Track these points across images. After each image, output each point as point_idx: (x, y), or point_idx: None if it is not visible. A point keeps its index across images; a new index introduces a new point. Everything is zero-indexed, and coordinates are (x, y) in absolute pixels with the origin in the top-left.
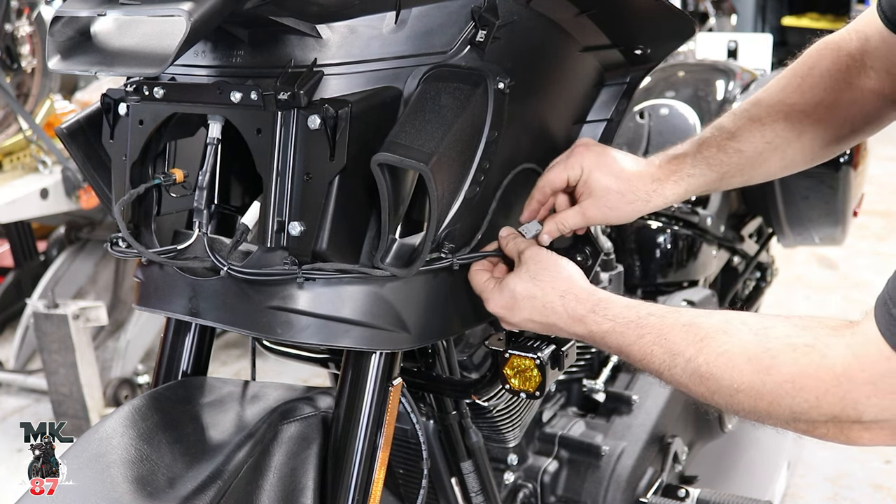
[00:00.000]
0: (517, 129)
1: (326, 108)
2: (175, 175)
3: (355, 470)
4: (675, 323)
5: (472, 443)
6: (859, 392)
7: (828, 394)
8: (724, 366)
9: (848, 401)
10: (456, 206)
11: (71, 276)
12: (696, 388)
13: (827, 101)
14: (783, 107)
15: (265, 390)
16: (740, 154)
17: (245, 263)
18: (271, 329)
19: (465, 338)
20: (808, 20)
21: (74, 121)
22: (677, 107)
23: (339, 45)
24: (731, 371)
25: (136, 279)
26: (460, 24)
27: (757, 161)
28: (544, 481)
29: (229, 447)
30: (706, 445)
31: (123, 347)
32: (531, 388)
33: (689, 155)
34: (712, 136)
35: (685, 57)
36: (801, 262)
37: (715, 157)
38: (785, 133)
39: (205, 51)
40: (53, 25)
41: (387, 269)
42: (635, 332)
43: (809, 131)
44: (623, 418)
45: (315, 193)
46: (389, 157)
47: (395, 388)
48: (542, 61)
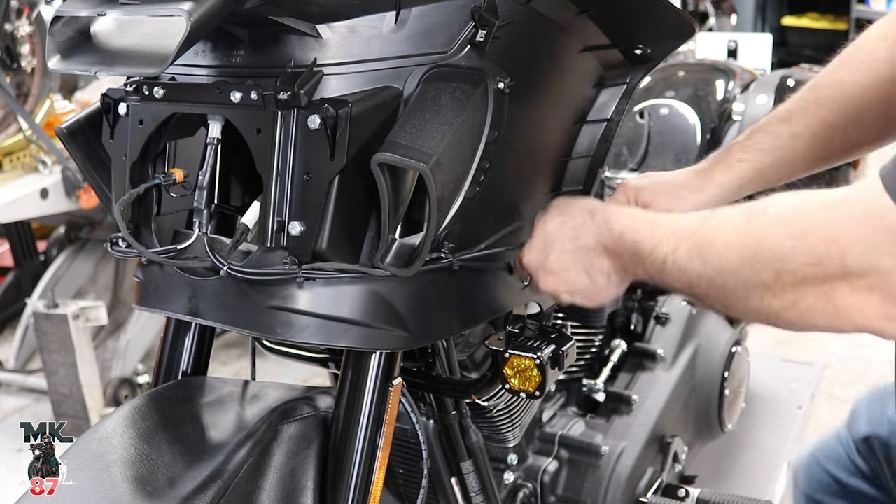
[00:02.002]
0: (517, 128)
1: (326, 108)
2: (175, 175)
3: (355, 470)
4: (690, 214)
5: (472, 443)
6: (849, 222)
7: (815, 228)
8: (720, 227)
9: (833, 236)
10: (456, 206)
11: (71, 276)
12: (693, 266)
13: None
14: (840, 87)
15: (265, 390)
16: (794, 137)
17: (245, 263)
18: (271, 329)
19: (465, 338)
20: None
21: (74, 121)
22: (677, 107)
23: (339, 44)
24: (726, 228)
25: (135, 279)
26: (460, 24)
27: (815, 144)
28: (544, 481)
29: (229, 447)
30: (706, 445)
31: (123, 347)
32: (531, 388)
33: (738, 143)
34: (765, 122)
35: (685, 57)
36: None
37: (766, 140)
38: (843, 113)
39: (205, 51)
40: (53, 25)
41: (387, 268)
42: (649, 226)
43: (871, 111)
44: (623, 418)
45: (315, 193)
46: (389, 157)
47: (394, 387)
48: (542, 61)
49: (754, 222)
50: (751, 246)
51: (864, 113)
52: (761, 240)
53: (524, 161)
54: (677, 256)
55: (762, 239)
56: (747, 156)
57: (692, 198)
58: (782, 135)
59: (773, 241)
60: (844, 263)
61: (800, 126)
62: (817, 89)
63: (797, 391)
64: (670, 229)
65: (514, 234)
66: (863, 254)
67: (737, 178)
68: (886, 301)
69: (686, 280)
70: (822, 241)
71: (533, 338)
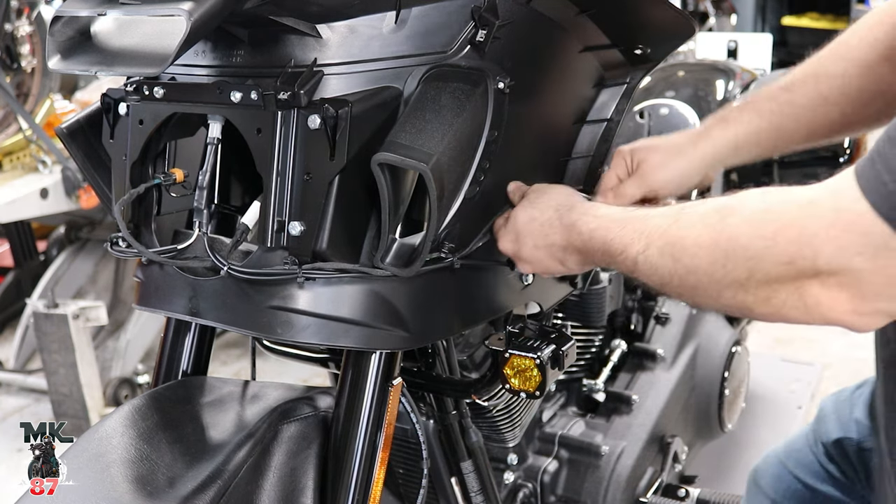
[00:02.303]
0: (517, 128)
1: (326, 108)
2: (175, 175)
3: (355, 470)
4: (662, 209)
5: (472, 443)
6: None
7: (785, 227)
8: (692, 225)
9: (805, 234)
10: (456, 206)
11: (71, 276)
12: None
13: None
14: (844, 61)
15: (265, 390)
16: (793, 105)
17: (245, 263)
18: (271, 329)
19: (465, 338)
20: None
21: (74, 120)
22: (677, 107)
23: (339, 44)
24: (697, 227)
25: (136, 279)
26: (460, 24)
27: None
28: (544, 481)
29: (229, 447)
30: (706, 445)
31: (123, 347)
32: (531, 387)
33: (738, 105)
34: (767, 88)
35: (685, 57)
36: None
37: (765, 105)
38: (844, 87)
39: (205, 50)
40: (53, 25)
41: (387, 268)
42: (619, 224)
43: (871, 86)
44: (623, 418)
45: (315, 193)
46: (389, 157)
47: (395, 387)
48: (542, 61)
49: (726, 220)
50: (722, 245)
51: (863, 91)
52: (733, 239)
53: (524, 161)
54: (648, 254)
55: (734, 238)
56: (745, 117)
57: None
58: (782, 102)
59: (746, 241)
60: (816, 263)
61: (799, 97)
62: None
63: (797, 391)
64: (641, 227)
65: None
66: (833, 254)
67: (732, 137)
68: (855, 298)
69: (657, 278)
70: (794, 242)
71: (533, 338)
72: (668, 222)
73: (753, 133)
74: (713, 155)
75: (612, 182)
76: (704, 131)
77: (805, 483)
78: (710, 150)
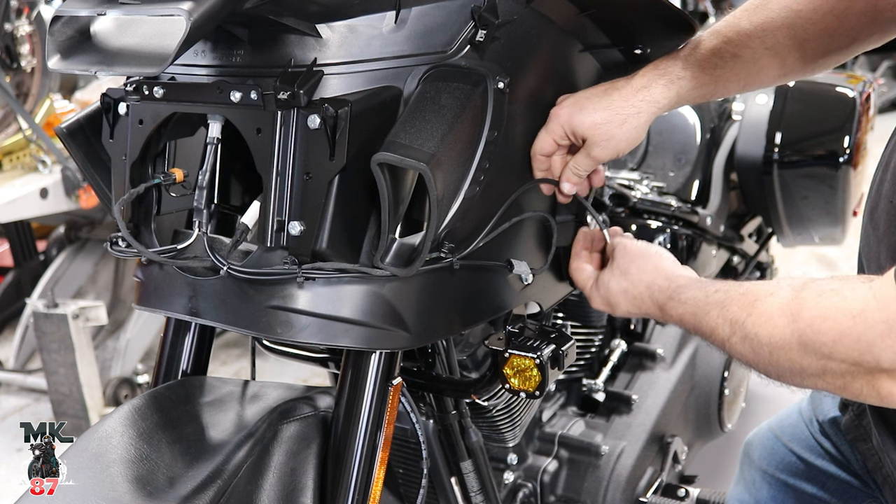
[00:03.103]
0: (517, 128)
1: (326, 108)
2: (175, 175)
3: (355, 469)
4: (735, 293)
5: (472, 442)
6: (873, 332)
7: (844, 336)
8: (764, 323)
9: (863, 343)
10: (456, 206)
11: (71, 276)
12: (747, 353)
13: (838, 10)
14: (789, 13)
15: (265, 390)
16: (737, 59)
17: (245, 263)
18: (271, 329)
19: (465, 338)
20: None
21: (74, 120)
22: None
23: (339, 44)
24: (768, 326)
25: (135, 279)
26: (460, 24)
27: (754, 67)
28: (544, 481)
29: (229, 447)
30: (706, 445)
31: (123, 347)
32: (531, 387)
33: (681, 58)
34: (709, 40)
35: None
36: (800, 261)
37: (709, 60)
38: (787, 40)
39: (205, 50)
40: (53, 25)
41: (387, 268)
42: (704, 310)
43: (813, 40)
44: (623, 418)
45: (315, 193)
46: (389, 157)
47: (394, 387)
48: (542, 61)
49: (794, 325)
50: (795, 347)
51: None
52: (802, 343)
53: (524, 161)
54: (733, 342)
55: (803, 343)
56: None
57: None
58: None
59: (813, 346)
60: (880, 365)
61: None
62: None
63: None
64: (723, 315)
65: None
66: (894, 358)
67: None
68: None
69: (746, 362)
70: (855, 350)
71: (533, 338)
72: (744, 315)
73: (697, 88)
74: (656, 114)
75: (548, 146)
76: (646, 91)
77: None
78: (653, 109)
